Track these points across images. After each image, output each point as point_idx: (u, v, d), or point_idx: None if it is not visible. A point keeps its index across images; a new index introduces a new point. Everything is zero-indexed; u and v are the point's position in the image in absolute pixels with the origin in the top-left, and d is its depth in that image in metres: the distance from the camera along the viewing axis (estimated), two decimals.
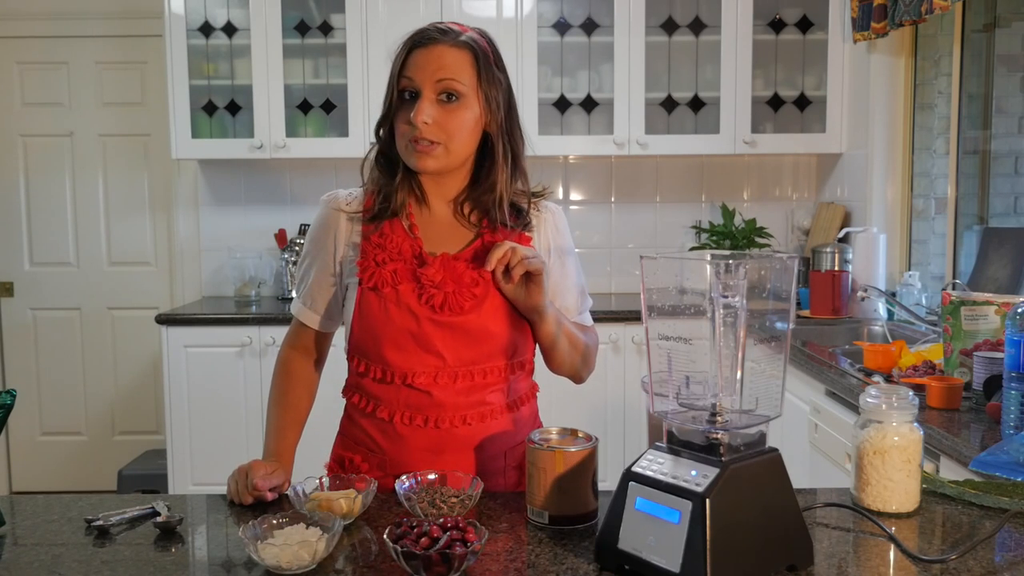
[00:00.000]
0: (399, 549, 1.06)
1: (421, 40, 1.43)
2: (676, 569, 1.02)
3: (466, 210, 1.50)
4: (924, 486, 1.35)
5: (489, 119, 1.45)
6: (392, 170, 1.48)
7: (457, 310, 1.44)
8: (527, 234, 1.51)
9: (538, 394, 1.63)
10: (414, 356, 1.45)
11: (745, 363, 1.10)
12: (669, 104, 3.72)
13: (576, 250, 1.63)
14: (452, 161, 1.45)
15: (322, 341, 1.62)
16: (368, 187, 1.52)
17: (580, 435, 1.30)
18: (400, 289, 1.44)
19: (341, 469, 1.54)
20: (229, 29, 3.67)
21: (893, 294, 3.25)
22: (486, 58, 1.44)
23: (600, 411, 3.49)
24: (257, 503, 1.37)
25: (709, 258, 1.10)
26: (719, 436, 1.08)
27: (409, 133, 1.41)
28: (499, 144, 1.46)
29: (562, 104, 3.74)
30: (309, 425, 1.61)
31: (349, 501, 1.26)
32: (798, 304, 3.52)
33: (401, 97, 1.43)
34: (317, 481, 1.35)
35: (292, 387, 1.60)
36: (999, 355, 1.87)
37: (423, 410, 1.46)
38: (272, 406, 1.59)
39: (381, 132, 1.48)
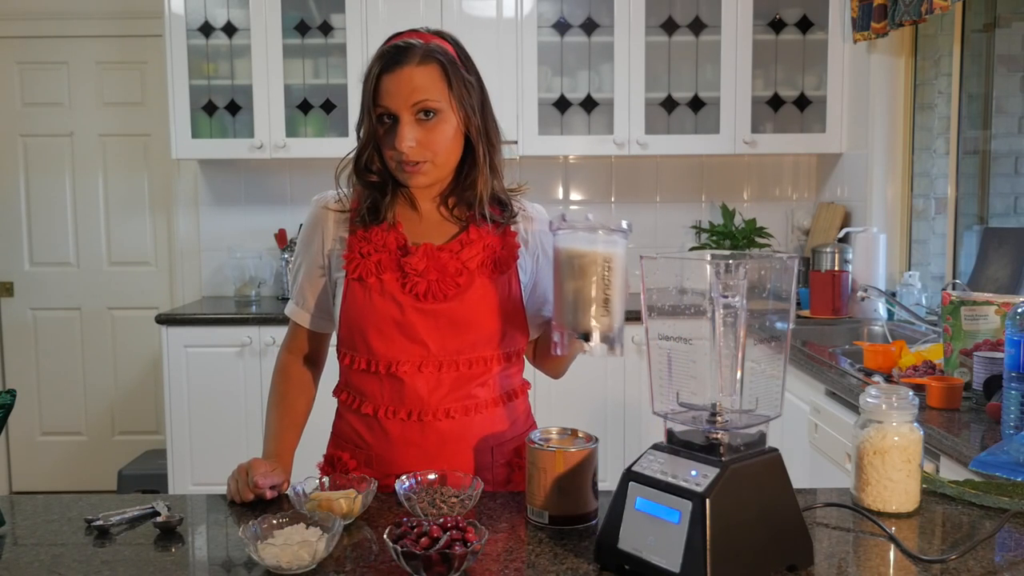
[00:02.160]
0: (399, 549, 1.06)
1: (388, 64, 1.42)
2: (676, 569, 1.02)
3: (450, 205, 1.53)
4: (924, 486, 1.35)
5: (467, 124, 1.46)
6: (374, 182, 1.50)
7: (440, 298, 1.46)
8: (512, 229, 1.54)
9: (537, 394, 1.64)
10: (398, 345, 1.46)
11: (745, 363, 1.10)
12: (669, 104, 3.72)
13: None
14: (442, 173, 1.48)
15: (317, 343, 1.64)
16: (350, 191, 1.54)
17: (580, 435, 1.31)
18: (384, 278, 1.46)
19: (331, 468, 1.55)
20: (229, 29, 3.67)
21: (893, 294, 3.25)
22: (454, 66, 1.44)
23: (600, 411, 3.49)
24: (257, 502, 1.38)
25: (709, 258, 1.10)
26: (719, 436, 1.08)
27: (396, 156, 1.43)
28: (479, 147, 1.48)
29: (562, 104, 3.74)
30: (315, 423, 1.62)
31: (349, 501, 1.26)
32: (798, 304, 3.52)
33: (380, 121, 1.44)
34: (317, 481, 1.35)
35: (289, 390, 1.61)
36: (999, 355, 1.87)
37: (406, 403, 1.47)
38: (270, 409, 1.60)
39: (364, 153, 1.48)
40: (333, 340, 1.61)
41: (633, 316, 1.37)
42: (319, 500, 1.26)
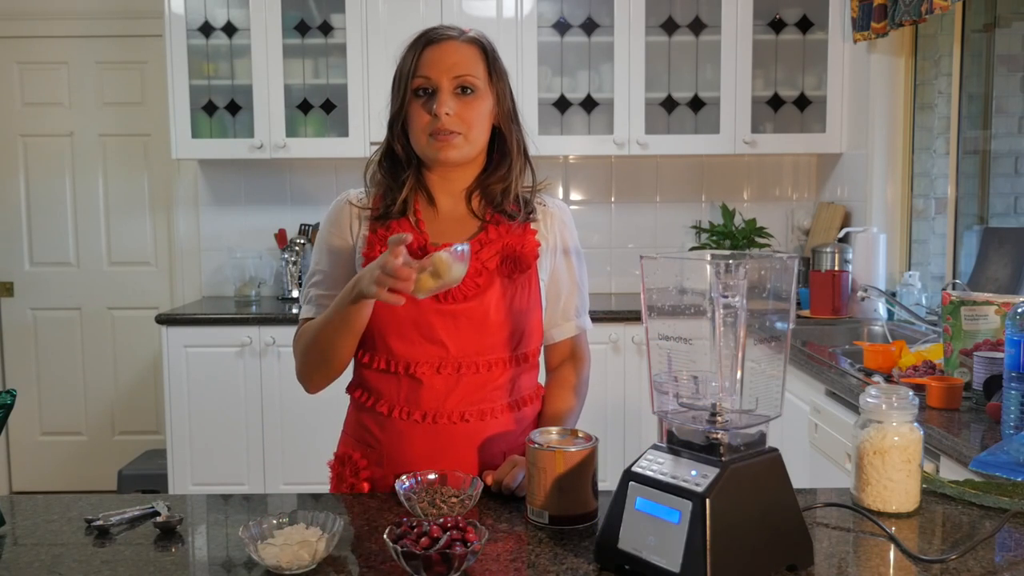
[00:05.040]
0: (399, 549, 1.06)
1: (433, 38, 1.47)
2: (676, 569, 1.02)
3: (475, 202, 1.53)
4: (924, 486, 1.35)
5: (499, 112, 1.50)
6: (397, 170, 1.51)
7: (460, 298, 1.46)
8: (532, 227, 1.54)
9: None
10: (418, 346, 1.46)
11: (745, 363, 1.10)
12: (669, 104, 3.72)
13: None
14: (471, 151, 1.49)
15: None
16: (373, 189, 1.54)
17: (580, 435, 1.31)
18: None
19: (342, 466, 1.55)
20: (229, 29, 3.67)
21: (893, 294, 3.25)
22: (494, 53, 1.50)
23: (600, 411, 3.49)
24: (259, 504, 1.37)
25: (709, 258, 1.10)
26: (719, 436, 1.08)
27: (430, 126, 1.45)
28: (511, 136, 1.52)
29: (562, 104, 3.74)
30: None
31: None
32: (798, 304, 3.52)
33: (415, 95, 1.46)
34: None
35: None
36: (999, 355, 1.86)
37: (422, 405, 1.47)
38: (315, 323, 1.48)
39: (394, 129, 1.50)
40: None
41: (633, 316, 1.37)
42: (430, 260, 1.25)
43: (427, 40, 1.47)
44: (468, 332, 1.46)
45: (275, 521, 1.17)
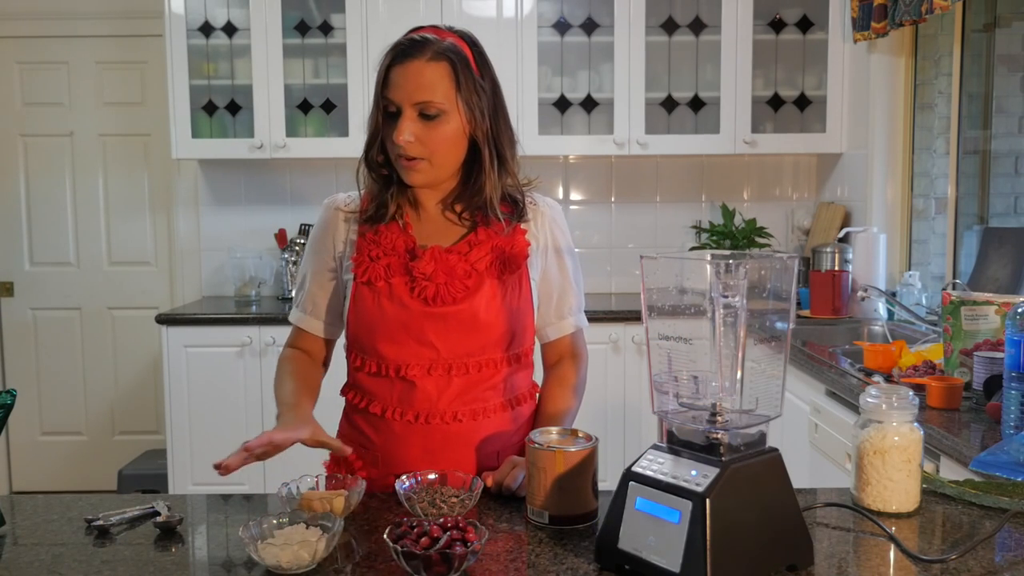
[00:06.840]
0: (399, 549, 1.06)
1: (398, 56, 1.41)
2: (676, 569, 1.02)
3: (457, 209, 1.52)
4: (924, 486, 1.35)
5: (474, 127, 1.45)
6: (383, 177, 1.50)
7: (449, 301, 1.45)
8: (522, 226, 1.53)
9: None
10: (408, 348, 1.46)
11: (745, 363, 1.10)
12: (669, 104, 3.72)
13: (576, 250, 1.64)
14: (439, 174, 1.47)
15: (325, 348, 1.62)
16: (365, 190, 1.54)
17: (580, 435, 1.31)
18: (393, 283, 1.46)
19: (337, 467, 1.55)
20: (229, 29, 3.67)
21: (893, 294, 3.25)
22: (465, 67, 1.43)
23: (600, 411, 3.49)
24: (259, 505, 1.37)
25: (709, 258, 1.10)
26: (719, 436, 1.08)
27: (395, 149, 1.43)
28: (485, 150, 1.47)
29: (562, 104, 3.74)
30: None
31: (325, 502, 1.25)
32: (798, 304, 3.52)
33: (386, 113, 1.44)
34: (313, 480, 1.34)
35: (299, 366, 1.57)
36: (999, 355, 1.86)
37: (414, 405, 1.47)
38: (281, 383, 1.52)
39: (373, 144, 1.48)
40: (340, 339, 1.61)
41: (633, 316, 1.37)
42: (301, 500, 1.26)
43: (393, 57, 1.41)
44: (458, 334, 1.46)
45: (275, 521, 1.17)
